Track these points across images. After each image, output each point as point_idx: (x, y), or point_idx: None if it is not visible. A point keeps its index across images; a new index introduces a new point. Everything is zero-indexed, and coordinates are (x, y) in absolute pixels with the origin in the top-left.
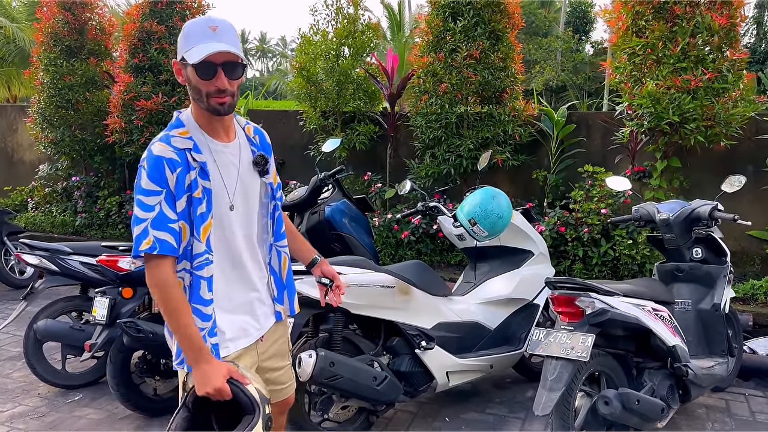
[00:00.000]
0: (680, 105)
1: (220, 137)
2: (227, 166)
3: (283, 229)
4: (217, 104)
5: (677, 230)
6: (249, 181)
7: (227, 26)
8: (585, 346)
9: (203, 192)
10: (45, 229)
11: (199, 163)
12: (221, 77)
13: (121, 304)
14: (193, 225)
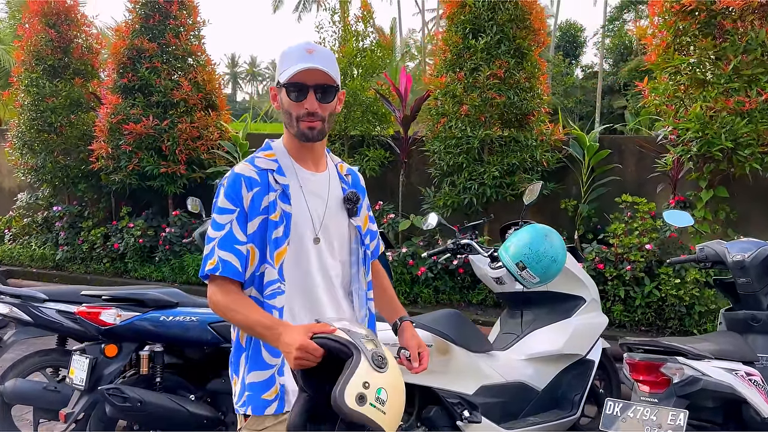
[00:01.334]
0: (733, 129)
1: (308, 166)
2: (315, 195)
3: (369, 278)
4: (306, 128)
5: (753, 273)
6: (337, 219)
7: (325, 52)
8: (677, 425)
9: (282, 216)
10: (23, 263)
11: (281, 185)
12: (311, 99)
13: (103, 364)
14: (267, 249)
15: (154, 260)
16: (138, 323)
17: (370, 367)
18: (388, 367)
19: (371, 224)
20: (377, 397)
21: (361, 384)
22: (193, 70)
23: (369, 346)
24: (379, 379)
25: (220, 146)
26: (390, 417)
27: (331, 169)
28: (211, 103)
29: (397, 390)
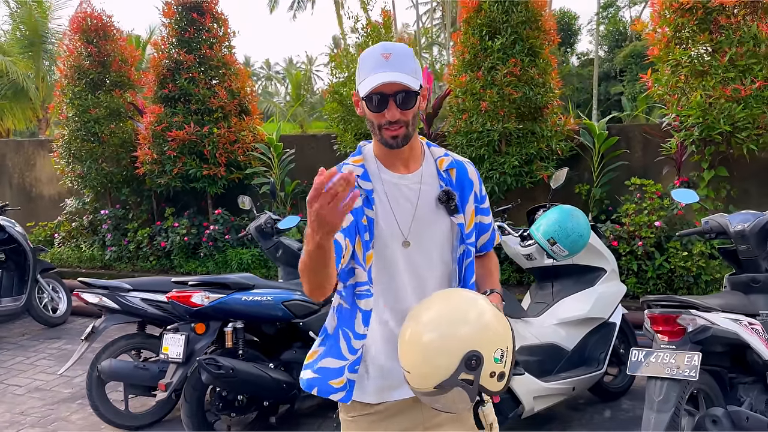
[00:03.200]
0: (731, 114)
1: (396, 168)
2: (401, 198)
3: (472, 281)
4: (389, 137)
5: (753, 241)
6: (430, 218)
7: (402, 52)
8: (692, 365)
9: (367, 221)
10: (72, 264)
11: (364, 191)
12: (392, 108)
13: (194, 340)
14: (360, 251)
15: (198, 256)
16: (223, 303)
17: None
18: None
19: (483, 216)
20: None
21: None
22: (228, 79)
23: None
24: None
25: (255, 148)
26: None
27: (428, 167)
28: (244, 109)
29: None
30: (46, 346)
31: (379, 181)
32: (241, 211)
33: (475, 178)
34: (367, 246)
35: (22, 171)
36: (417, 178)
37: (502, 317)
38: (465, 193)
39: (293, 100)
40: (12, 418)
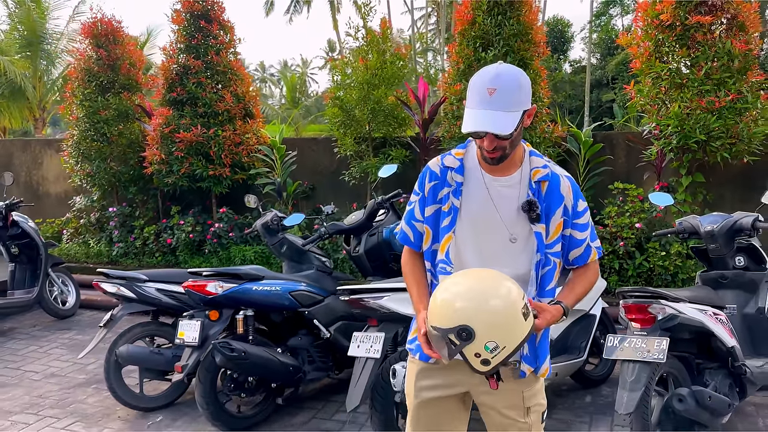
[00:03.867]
0: (706, 124)
1: (488, 169)
2: (503, 198)
3: (550, 287)
4: (488, 157)
5: (722, 240)
6: (522, 222)
7: (507, 86)
8: (661, 349)
9: (451, 208)
10: (80, 260)
11: (456, 182)
12: (488, 140)
13: (208, 326)
14: (438, 234)
15: (202, 253)
16: (235, 292)
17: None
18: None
19: (575, 231)
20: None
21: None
22: (233, 84)
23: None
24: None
25: (258, 150)
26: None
27: (523, 175)
28: (248, 112)
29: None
30: (57, 336)
31: (473, 177)
32: (244, 210)
33: (569, 193)
34: (445, 231)
35: (29, 169)
36: (513, 182)
37: (521, 324)
38: (552, 206)
39: (288, 102)
40: (31, 401)
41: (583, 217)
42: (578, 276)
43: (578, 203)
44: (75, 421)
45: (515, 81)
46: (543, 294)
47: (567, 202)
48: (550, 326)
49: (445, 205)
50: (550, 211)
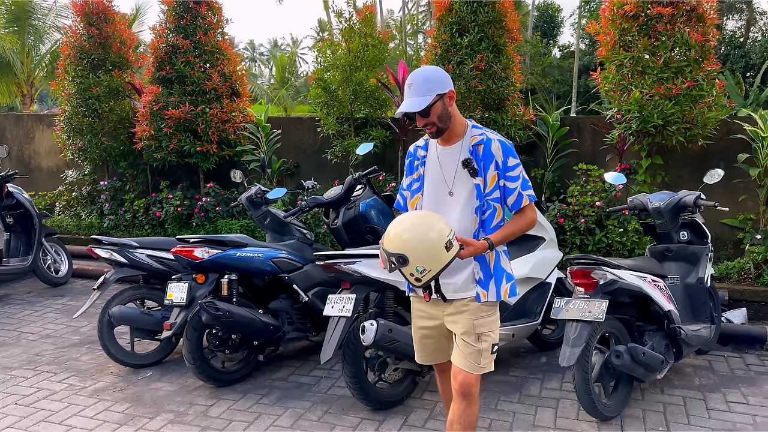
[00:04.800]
0: (663, 110)
1: (441, 143)
2: (448, 162)
3: (493, 225)
4: (429, 133)
5: (667, 216)
6: (463, 178)
7: (420, 80)
8: (600, 309)
9: (420, 176)
10: (71, 231)
11: (421, 156)
12: (419, 120)
13: (195, 288)
14: (411, 195)
15: (190, 226)
16: (220, 257)
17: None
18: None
19: (507, 182)
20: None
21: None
22: (220, 63)
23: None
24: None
25: (244, 128)
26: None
27: (464, 143)
28: (235, 91)
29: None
30: (51, 302)
31: (434, 150)
32: (231, 185)
33: (498, 152)
34: (414, 193)
35: (21, 143)
36: (456, 149)
37: (444, 253)
38: (486, 163)
39: (278, 82)
40: (29, 358)
41: (514, 171)
42: (512, 219)
43: (508, 159)
44: (70, 375)
45: (423, 76)
46: (487, 231)
47: (498, 158)
48: (508, 258)
49: (415, 173)
50: (486, 167)
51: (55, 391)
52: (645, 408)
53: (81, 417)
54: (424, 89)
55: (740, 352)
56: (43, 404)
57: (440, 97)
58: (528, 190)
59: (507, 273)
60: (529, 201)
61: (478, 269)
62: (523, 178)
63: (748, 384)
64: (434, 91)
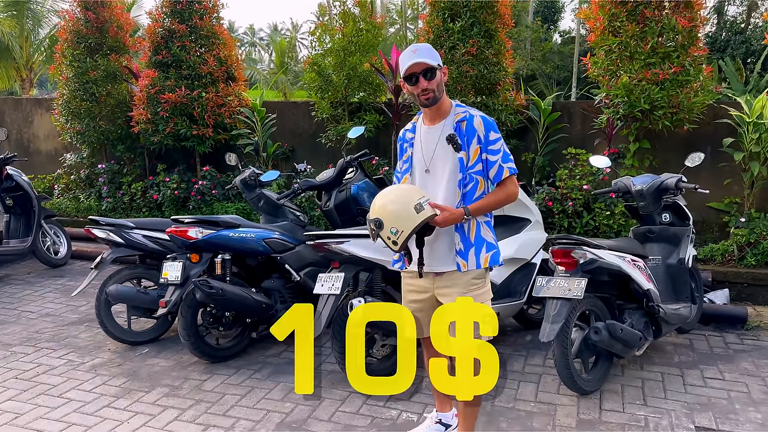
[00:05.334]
0: (650, 95)
1: (427, 122)
2: (428, 141)
3: (475, 196)
4: (424, 100)
5: (650, 199)
6: (444, 154)
7: (425, 47)
8: (580, 287)
9: (409, 156)
10: (70, 214)
11: (409, 138)
12: (421, 81)
13: (189, 267)
14: (401, 176)
15: (187, 208)
16: (214, 237)
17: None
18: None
19: (489, 155)
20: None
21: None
22: (216, 48)
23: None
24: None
25: (240, 112)
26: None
27: (447, 122)
28: (231, 76)
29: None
30: (50, 282)
31: (419, 131)
32: (226, 169)
33: (480, 127)
34: (404, 172)
35: (20, 127)
36: (440, 128)
37: (413, 215)
38: (469, 137)
39: (277, 67)
40: (29, 336)
41: (495, 145)
42: (493, 191)
43: (490, 134)
44: (69, 351)
45: (427, 46)
46: (468, 203)
47: (480, 133)
48: (490, 228)
49: (405, 155)
50: (469, 141)
51: (54, 366)
52: (624, 383)
53: (79, 390)
54: (430, 55)
55: (721, 332)
56: (42, 378)
57: (440, 67)
58: (508, 163)
59: (487, 242)
60: (509, 173)
61: (458, 240)
62: (504, 152)
63: (726, 361)
64: (438, 60)
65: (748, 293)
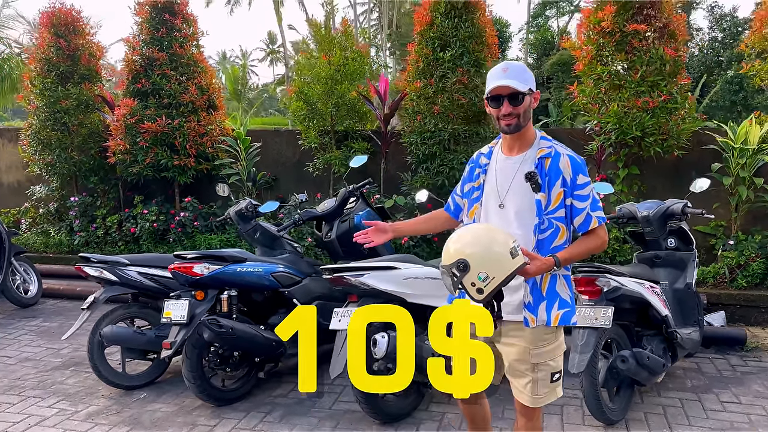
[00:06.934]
0: (641, 122)
1: (506, 151)
2: (505, 173)
3: (553, 245)
4: (504, 125)
5: (656, 224)
6: (519, 191)
7: (517, 67)
8: (607, 316)
9: (480, 184)
10: (39, 249)
11: (483, 164)
12: (505, 105)
13: (194, 305)
14: (470, 204)
15: (166, 241)
16: (221, 273)
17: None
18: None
19: (576, 201)
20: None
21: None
22: (197, 76)
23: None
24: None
25: (222, 141)
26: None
27: (529, 154)
28: (212, 104)
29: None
30: (24, 323)
31: (495, 158)
32: (208, 199)
33: (567, 168)
34: (473, 202)
35: None
36: (519, 160)
37: (508, 259)
38: (552, 179)
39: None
40: (11, 383)
41: (584, 190)
42: (581, 239)
43: (578, 177)
44: (59, 400)
45: (521, 66)
46: (545, 252)
47: (566, 174)
48: (568, 284)
49: (476, 181)
50: (551, 183)
51: (45, 416)
52: (646, 411)
53: None
54: (522, 77)
55: (723, 354)
56: (35, 431)
57: (531, 93)
58: (597, 211)
59: (561, 298)
60: (598, 223)
61: (527, 291)
62: (593, 198)
63: (737, 384)
64: (530, 84)
65: (741, 314)
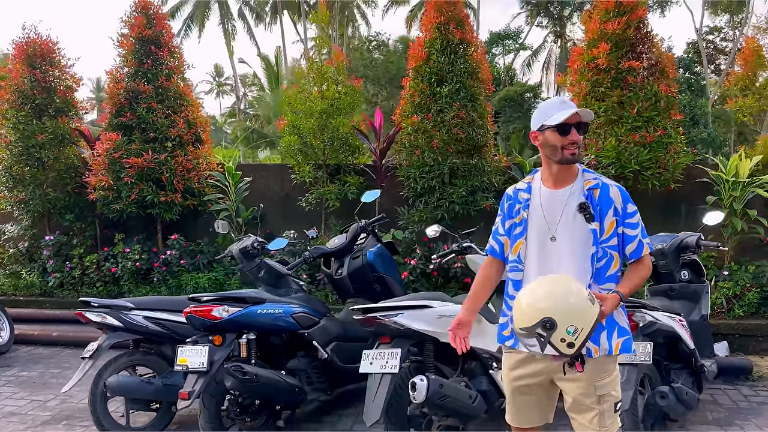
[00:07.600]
0: (639, 156)
1: (549, 185)
2: (553, 206)
3: (609, 274)
4: (569, 155)
5: (671, 257)
6: (572, 224)
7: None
8: (646, 352)
9: (522, 219)
10: (7, 292)
11: (524, 199)
12: (574, 133)
13: (213, 351)
14: (513, 240)
15: (150, 281)
16: (242, 316)
17: None
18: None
19: (627, 229)
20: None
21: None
22: (184, 109)
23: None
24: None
25: (210, 176)
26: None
27: (575, 187)
28: (198, 138)
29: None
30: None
31: (538, 193)
32: (194, 236)
33: (618, 197)
34: (517, 237)
35: None
36: (566, 193)
37: (590, 308)
38: (604, 208)
39: None
40: None
41: (633, 218)
42: (633, 269)
43: (627, 206)
44: None
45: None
46: (601, 281)
47: (617, 204)
48: (624, 311)
49: (517, 217)
50: (603, 212)
51: None
52: None
53: None
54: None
55: (732, 384)
56: None
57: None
58: (647, 239)
59: (620, 326)
60: (649, 249)
61: None
62: (642, 227)
63: (756, 415)
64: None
65: (739, 344)
